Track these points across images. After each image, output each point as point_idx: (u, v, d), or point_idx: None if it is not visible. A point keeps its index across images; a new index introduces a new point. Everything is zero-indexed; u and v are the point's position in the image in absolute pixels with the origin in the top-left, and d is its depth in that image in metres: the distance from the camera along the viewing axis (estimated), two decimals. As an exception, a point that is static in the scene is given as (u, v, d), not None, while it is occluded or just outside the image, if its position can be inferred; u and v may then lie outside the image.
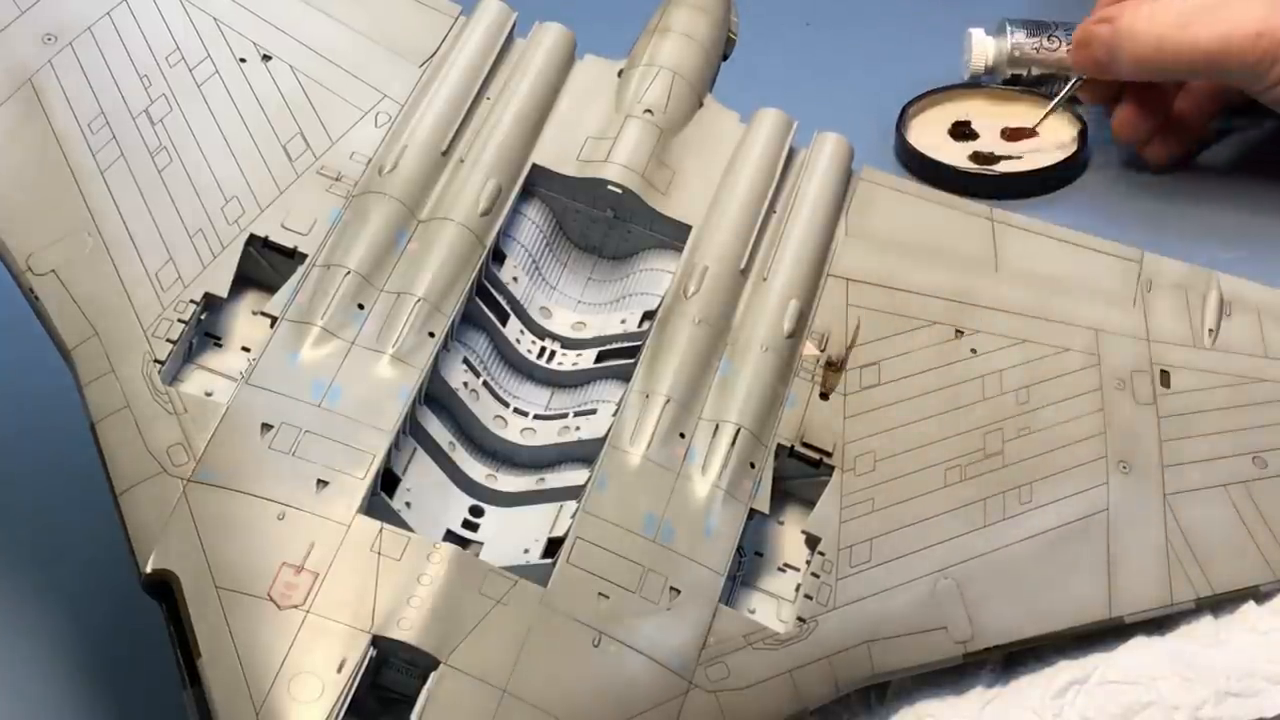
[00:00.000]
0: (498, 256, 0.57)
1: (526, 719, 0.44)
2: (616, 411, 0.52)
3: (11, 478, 0.65)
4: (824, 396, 0.54)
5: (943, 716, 0.49)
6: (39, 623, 0.60)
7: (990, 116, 0.84)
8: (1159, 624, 0.52)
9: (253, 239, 0.54)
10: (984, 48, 0.86)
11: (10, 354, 0.67)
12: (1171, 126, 0.77)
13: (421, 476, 0.50)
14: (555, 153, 0.59)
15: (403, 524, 0.48)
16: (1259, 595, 0.53)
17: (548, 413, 0.54)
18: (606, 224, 0.59)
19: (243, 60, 0.59)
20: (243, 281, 0.53)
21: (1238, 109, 0.80)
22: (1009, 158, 0.82)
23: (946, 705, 0.50)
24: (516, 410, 0.54)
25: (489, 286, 0.56)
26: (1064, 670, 0.50)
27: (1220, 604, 0.52)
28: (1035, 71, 0.86)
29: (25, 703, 0.58)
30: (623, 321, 0.57)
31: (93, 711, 0.58)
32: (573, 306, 0.58)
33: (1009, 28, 0.87)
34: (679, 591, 0.47)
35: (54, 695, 0.58)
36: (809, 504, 0.52)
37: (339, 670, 0.43)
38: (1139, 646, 0.51)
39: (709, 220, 0.58)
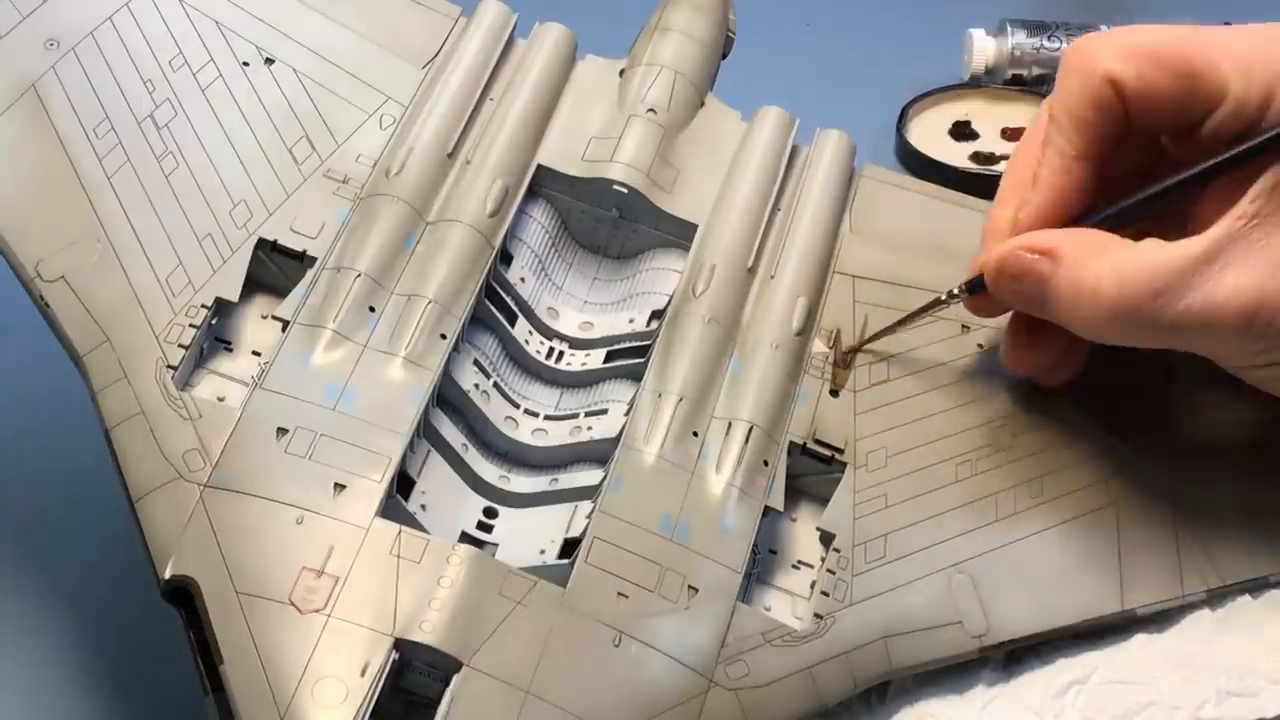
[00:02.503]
0: (505, 258, 0.57)
1: None
2: (629, 411, 0.52)
3: (12, 478, 0.65)
4: (834, 393, 0.55)
5: (943, 716, 0.49)
6: (42, 625, 0.60)
7: (990, 116, 0.85)
8: (1159, 623, 0.52)
9: (261, 243, 0.54)
10: (984, 48, 0.87)
11: (10, 354, 0.67)
12: (1070, 348, 0.54)
13: (435, 479, 0.50)
14: (560, 153, 0.59)
15: (419, 526, 0.48)
16: (1268, 585, 0.53)
17: (558, 413, 0.54)
18: (612, 223, 0.59)
19: (245, 64, 0.59)
20: (250, 285, 0.53)
21: None
22: (1009, 158, 0.82)
23: (947, 705, 0.49)
24: (527, 411, 0.54)
25: (497, 288, 0.56)
26: (1065, 670, 0.50)
27: (1221, 603, 0.52)
28: (1035, 71, 0.86)
29: (28, 705, 0.58)
30: (630, 321, 0.57)
31: (95, 714, 0.58)
32: (579, 307, 0.58)
33: (1009, 28, 0.87)
34: (697, 590, 0.48)
35: (56, 697, 0.58)
36: (820, 501, 0.52)
37: (362, 674, 0.43)
38: (1139, 646, 0.51)
39: (715, 218, 0.58)
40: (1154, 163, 0.53)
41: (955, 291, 0.54)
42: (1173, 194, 0.51)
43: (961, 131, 0.85)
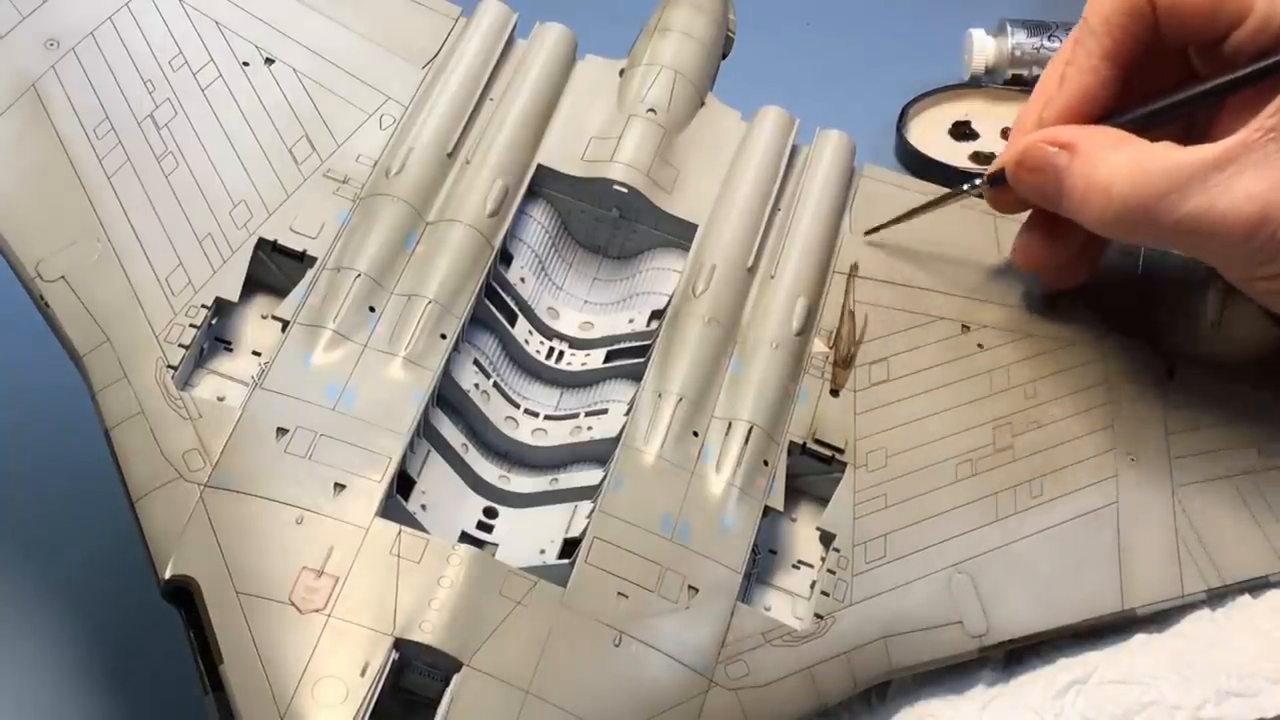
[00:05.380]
0: (505, 258, 0.57)
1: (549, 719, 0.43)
2: (629, 411, 0.52)
3: (12, 476, 0.65)
4: (834, 393, 0.55)
5: (944, 716, 0.49)
6: (41, 625, 0.61)
7: (990, 116, 0.85)
8: (1159, 623, 0.52)
9: (261, 243, 0.54)
10: (984, 48, 0.87)
11: (9, 350, 0.67)
12: (1083, 250, 0.57)
13: (435, 479, 0.50)
14: (560, 153, 0.59)
15: (419, 526, 0.48)
16: (1268, 585, 0.53)
17: (558, 413, 0.55)
18: (612, 223, 0.59)
19: (246, 64, 0.59)
20: (250, 285, 0.53)
21: None
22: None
23: (947, 705, 0.50)
24: (527, 411, 0.54)
25: (497, 288, 0.56)
26: (1065, 670, 0.50)
27: (1221, 603, 0.52)
28: (1035, 71, 0.86)
29: (27, 705, 0.58)
30: (630, 321, 0.57)
31: (94, 714, 0.58)
32: (579, 307, 0.58)
33: (1009, 28, 0.87)
34: (697, 590, 0.48)
35: (55, 697, 0.58)
36: (820, 501, 0.52)
37: (362, 674, 0.43)
38: (1139, 646, 0.51)
39: (715, 218, 0.58)
40: (1182, 80, 0.54)
41: (978, 183, 0.56)
42: (1193, 104, 0.53)
43: (961, 131, 0.85)
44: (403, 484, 0.49)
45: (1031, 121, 0.55)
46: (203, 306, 0.51)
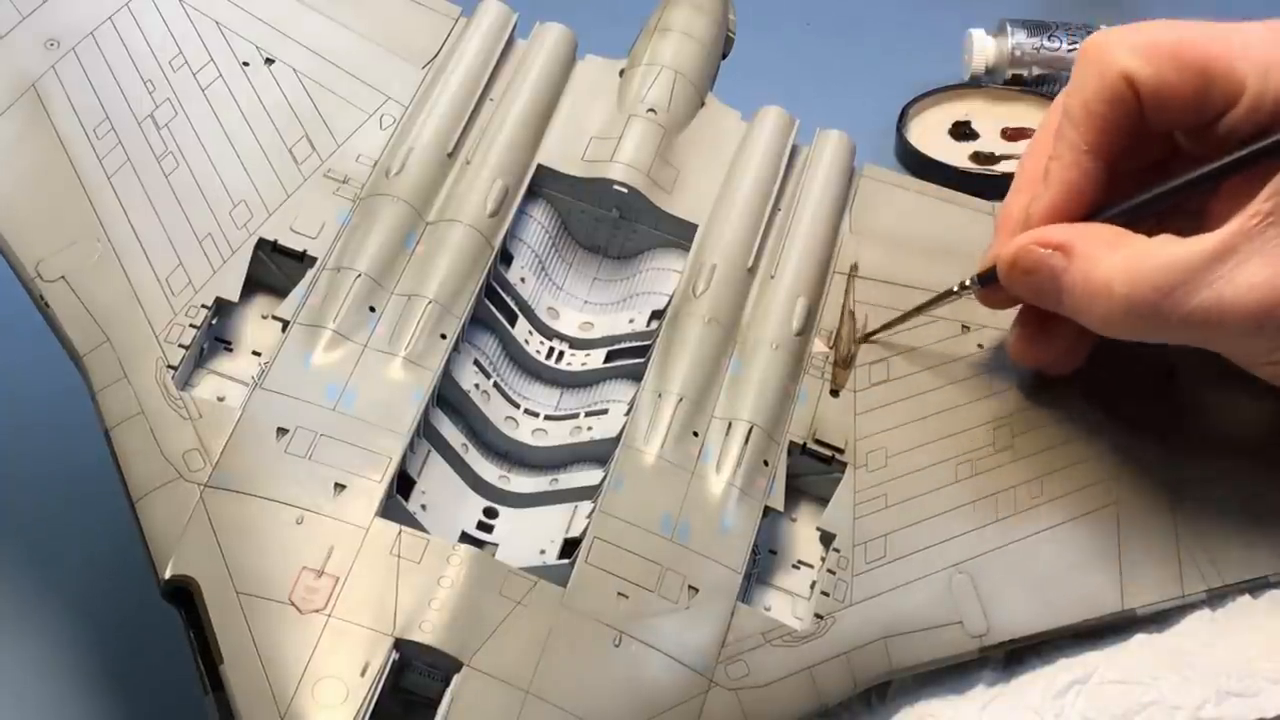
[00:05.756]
0: (505, 258, 0.57)
1: None
2: (629, 411, 0.52)
3: (12, 477, 0.65)
4: (834, 393, 0.55)
5: (943, 716, 0.49)
6: (41, 625, 0.61)
7: (990, 116, 0.85)
8: (1159, 623, 0.52)
9: (262, 243, 0.54)
10: (984, 48, 0.87)
11: (9, 351, 0.67)
12: (1078, 339, 0.54)
13: (435, 479, 0.50)
14: (560, 153, 0.59)
15: (419, 526, 0.48)
16: (1268, 585, 0.53)
17: (558, 413, 0.55)
18: (612, 224, 0.59)
19: (246, 64, 0.59)
20: (250, 285, 0.53)
21: None
22: (1009, 158, 0.82)
23: (947, 704, 0.49)
24: (527, 411, 0.54)
25: (497, 288, 0.56)
26: (1065, 670, 0.50)
27: (1221, 603, 0.52)
28: (1035, 71, 0.86)
29: (26, 705, 0.58)
30: (630, 321, 0.57)
31: (94, 714, 0.58)
32: (579, 307, 0.58)
33: (1009, 28, 0.87)
34: (697, 590, 0.48)
35: (54, 696, 0.58)
36: (820, 501, 0.52)
37: (362, 674, 0.43)
38: (1140, 646, 0.51)
39: (715, 218, 0.58)
40: (1169, 158, 0.53)
41: (967, 283, 0.55)
42: (1186, 191, 0.51)
43: (961, 131, 0.85)
44: (403, 484, 0.49)
45: (1017, 215, 0.53)
46: (203, 306, 0.51)
